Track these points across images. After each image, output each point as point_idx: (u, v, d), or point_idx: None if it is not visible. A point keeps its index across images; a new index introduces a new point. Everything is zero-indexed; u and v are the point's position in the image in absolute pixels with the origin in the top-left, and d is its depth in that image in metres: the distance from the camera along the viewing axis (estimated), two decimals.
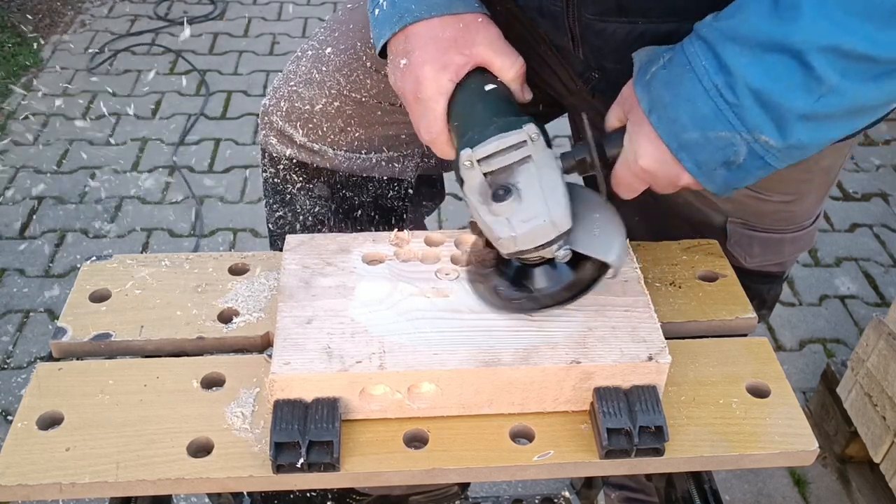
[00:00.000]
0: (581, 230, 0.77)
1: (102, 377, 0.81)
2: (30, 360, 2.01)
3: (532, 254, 0.75)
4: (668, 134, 0.70)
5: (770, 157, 0.69)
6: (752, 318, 0.90)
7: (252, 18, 3.58)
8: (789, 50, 0.63)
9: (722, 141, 0.68)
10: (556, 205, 0.72)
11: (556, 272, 0.79)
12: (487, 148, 0.74)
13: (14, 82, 3.06)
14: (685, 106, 0.68)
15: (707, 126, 0.68)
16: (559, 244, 0.74)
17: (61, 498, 0.72)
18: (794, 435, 0.77)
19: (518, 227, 0.72)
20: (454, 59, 0.80)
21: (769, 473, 1.82)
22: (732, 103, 0.66)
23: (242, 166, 2.70)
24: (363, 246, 0.88)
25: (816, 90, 0.63)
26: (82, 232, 2.42)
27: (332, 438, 0.72)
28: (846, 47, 0.61)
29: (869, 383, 1.64)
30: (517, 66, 0.82)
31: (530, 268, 0.79)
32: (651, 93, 0.71)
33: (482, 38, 0.81)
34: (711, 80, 0.66)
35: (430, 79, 0.80)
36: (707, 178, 0.71)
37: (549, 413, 0.78)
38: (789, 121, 0.65)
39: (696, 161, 0.70)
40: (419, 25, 0.82)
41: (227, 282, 0.92)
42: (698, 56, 0.68)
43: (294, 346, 0.76)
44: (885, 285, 2.30)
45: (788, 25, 0.62)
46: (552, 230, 0.72)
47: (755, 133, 0.67)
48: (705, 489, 0.86)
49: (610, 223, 0.79)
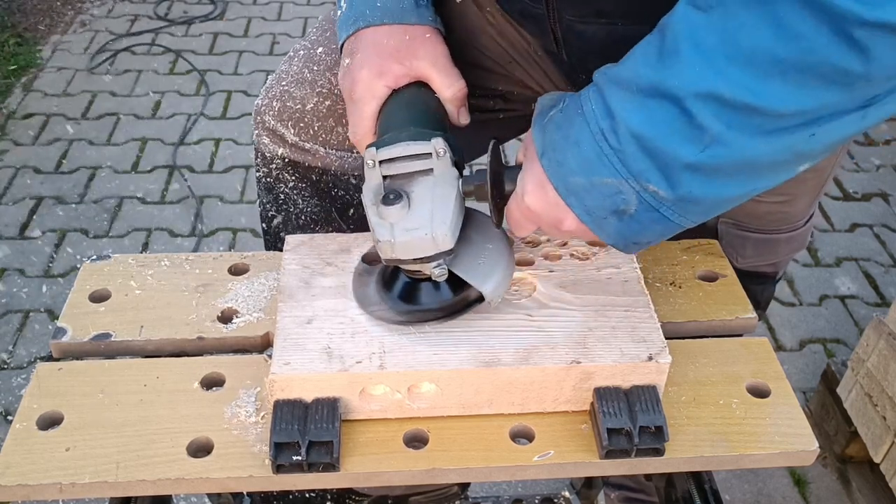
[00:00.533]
0: (467, 255, 0.77)
1: (102, 377, 0.81)
2: (30, 360, 2.01)
3: (409, 265, 0.75)
4: (556, 177, 0.68)
5: (665, 209, 0.66)
6: (752, 318, 0.90)
7: (252, 18, 3.58)
8: (667, 95, 0.61)
9: (608, 187, 0.66)
10: (441, 222, 0.71)
11: (431, 290, 0.79)
12: (392, 151, 0.74)
13: (14, 82, 3.06)
14: (573, 149, 0.66)
15: (592, 171, 0.66)
16: (437, 262, 0.74)
17: (61, 498, 0.72)
18: (794, 435, 0.77)
19: (399, 235, 0.71)
20: (392, 67, 0.82)
21: (769, 473, 1.82)
22: (616, 148, 0.64)
23: (242, 166, 2.69)
24: (363, 246, 0.88)
25: (700, 139, 0.61)
26: (82, 232, 2.42)
27: (332, 438, 0.72)
28: (726, 95, 0.58)
29: (869, 383, 1.64)
30: (455, 87, 0.83)
31: (414, 282, 0.79)
32: (545, 135, 0.70)
33: (425, 52, 0.83)
34: (598, 123, 0.65)
35: (365, 81, 0.82)
36: (598, 226, 0.69)
37: (549, 413, 0.78)
38: (675, 169, 0.63)
39: (585, 207, 0.68)
40: (368, 30, 0.85)
41: (227, 282, 0.92)
42: (589, 100, 0.66)
43: (294, 346, 0.76)
44: (886, 285, 2.30)
45: (667, 70, 0.60)
46: (432, 246, 0.72)
47: (642, 181, 0.64)
48: (705, 489, 0.86)
49: (499, 255, 0.79)
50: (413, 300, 0.79)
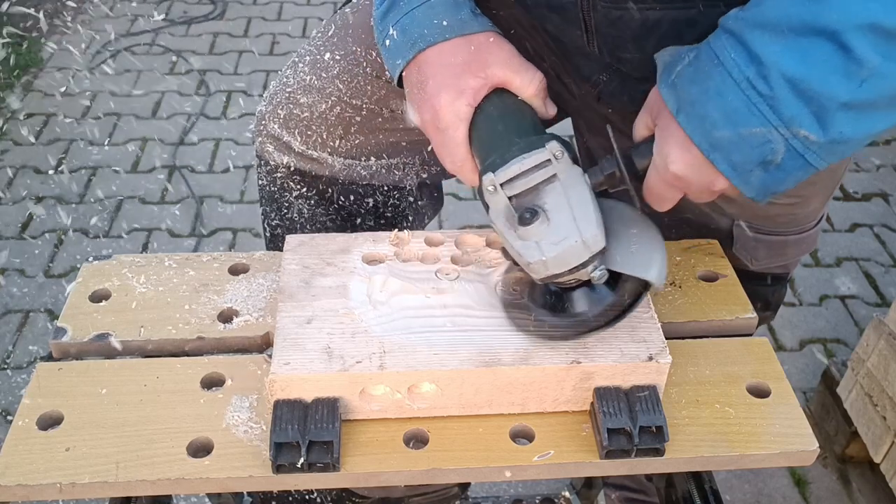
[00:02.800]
0: (617, 247, 0.73)
1: (102, 377, 0.81)
2: (30, 360, 2.01)
3: (566, 277, 0.71)
4: (698, 133, 0.66)
5: (810, 154, 0.64)
6: (752, 318, 0.90)
7: (252, 18, 3.58)
8: (824, 31, 0.58)
9: (757, 138, 0.63)
10: (587, 223, 0.69)
11: (594, 294, 0.75)
12: (510, 170, 0.71)
13: (14, 82, 3.06)
14: (715, 101, 0.64)
15: (740, 122, 0.63)
16: (594, 265, 0.70)
17: (61, 498, 0.72)
18: (795, 435, 0.77)
19: (548, 251, 0.68)
20: (469, 83, 0.78)
21: (769, 473, 1.82)
22: (766, 95, 0.62)
23: (242, 166, 2.69)
24: (363, 246, 0.88)
25: (857, 74, 0.59)
26: (82, 232, 2.42)
27: (332, 438, 0.72)
28: (886, 24, 0.57)
29: (869, 383, 1.64)
30: (536, 80, 0.80)
31: (567, 292, 0.76)
32: (678, 91, 0.67)
33: (496, 57, 0.79)
34: (742, 71, 0.62)
35: (447, 107, 0.78)
36: (743, 180, 0.67)
37: (549, 413, 0.78)
38: (830, 110, 0.61)
39: (731, 162, 0.66)
40: (430, 52, 0.80)
41: (227, 282, 0.92)
42: (726, 49, 0.64)
43: (294, 346, 0.76)
44: (886, 285, 2.30)
45: (821, 4, 0.58)
46: (585, 251, 0.69)
47: (793, 127, 0.62)
48: (705, 489, 0.86)
49: (648, 238, 0.75)
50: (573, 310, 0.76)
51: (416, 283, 0.83)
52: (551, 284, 0.76)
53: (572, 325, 0.76)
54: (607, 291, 0.75)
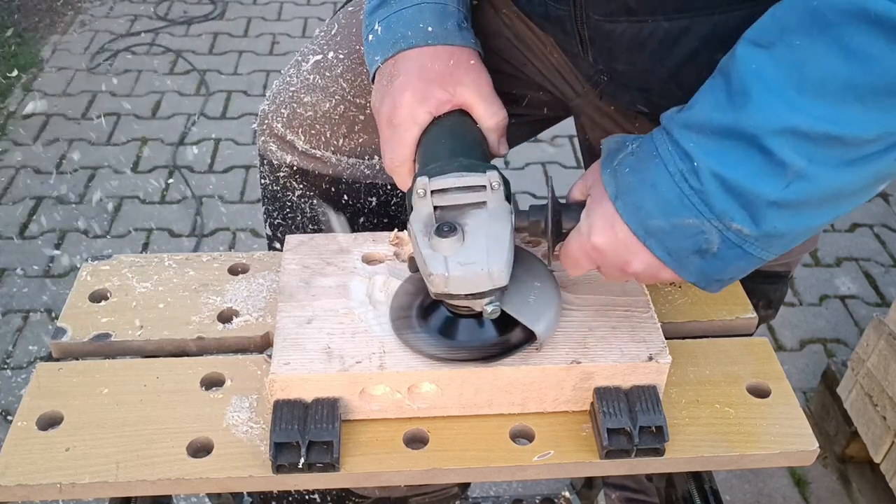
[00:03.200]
0: (516, 293, 0.75)
1: (102, 377, 0.81)
2: (30, 360, 2.01)
3: (461, 300, 0.72)
4: (633, 221, 0.67)
5: (749, 245, 0.65)
6: (752, 318, 0.90)
7: (252, 18, 3.58)
8: (743, 136, 0.60)
9: (690, 228, 0.65)
10: (497, 258, 0.69)
11: (479, 328, 0.77)
12: (445, 181, 0.71)
13: (14, 82, 3.06)
14: (650, 192, 0.65)
15: (672, 213, 0.65)
16: (491, 299, 0.71)
17: (61, 498, 0.72)
18: (795, 435, 0.77)
19: (453, 269, 0.69)
20: (436, 93, 0.79)
21: (769, 473, 1.82)
22: (697, 189, 0.63)
23: (242, 166, 2.69)
24: (363, 246, 0.88)
25: (783, 176, 0.60)
26: (82, 232, 2.42)
27: (332, 438, 0.72)
28: (804, 128, 0.58)
29: (869, 383, 1.64)
30: (499, 116, 0.81)
31: (458, 317, 0.77)
32: (618, 178, 0.68)
33: (469, 79, 0.80)
34: (676, 165, 0.64)
35: (407, 106, 0.79)
36: (680, 266, 0.68)
37: (549, 413, 0.78)
38: (760, 207, 0.62)
39: (667, 249, 0.67)
40: (412, 52, 0.81)
41: (227, 282, 0.92)
42: (664, 143, 0.65)
43: (294, 346, 0.76)
44: (886, 285, 2.30)
45: (740, 111, 0.60)
46: (487, 282, 0.69)
47: (725, 220, 0.63)
48: (705, 489, 0.86)
49: (548, 294, 0.77)
50: (454, 336, 0.77)
51: None
52: (444, 307, 0.77)
53: (448, 351, 0.76)
54: (492, 330, 0.77)
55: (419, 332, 0.77)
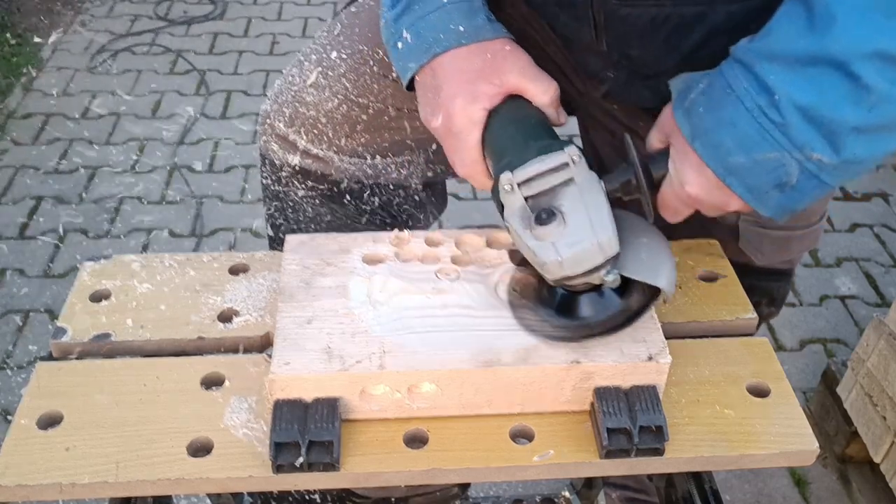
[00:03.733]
0: (629, 255, 0.74)
1: (102, 377, 0.81)
2: (30, 360, 2.01)
3: (579, 279, 0.72)
4: (713, 160, 0.68)
5: (825, 174, 0.66)
6: (752, 319, 0.90)
7: (252, 18, 3.58)
8: (831, 61, 0.60)
9: (771, 163, 0.65)
10: (602, 228, 0.69)
11: (604, 299, 0.76)
12: (528, 171, 0.71)
13: (14, 82, 3.06)
14: (729, 129, 0.66)
15: (753, 148, 0.65)
16: (607, 269, 0.71)
17: (61, 498, 0.72)
18: (795, 435, 0.77)
19: (564, 251, 0.69)
20: (484, 89, 0.78)
21: (769, 473, 1.82)
22: (778, 122, 0.63)
23: (242, 166, 2.69)
24: (363, 246, 0.88)
25: (867, 101, 0.61)
26: (82, 232, 2.42)
27: (332, 438, 0.72)
28: (893, 51, 0.58)
29: (869, 383, 1.64)
30: (551, 89, 0.81)
31: (577, 295, 0.76)
32: (692, 119, 0.69)
33: (511, 65, 0.80)
34: (754, 100, 0.64)
35: (461, 111, 0.78)
36: (760, 202, 0.69)
37: (549, 413, 0.78)
38: (841, 135, 0.63)
39: (747, 185, 0.68)
40: (446, 57, 0.80)
41: (227, 282, 0.92)
42: (738, 78, 0.65)
43: (294, 346, 0.76)
44: (886, 285, 2.30)
45: (826, 36, 0.60)
46: (599, 254, 0.70)
47: (806, 151, 0.64)
48: (705, 489, 0.86)
49: (658, 247, 0.76)
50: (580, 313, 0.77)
51: (416, 283, 0.83)
52: (560, 287, 0.76)
53: (578, 328, 0.76)
54: (615, 297, 0.76)
55: (545, 319, 0.77)
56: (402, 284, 0.83)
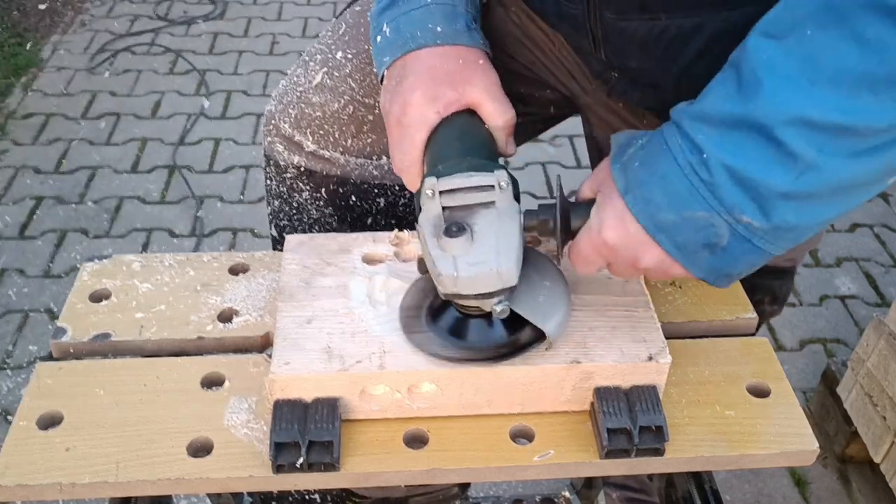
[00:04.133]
0: (526, 293, 0.74)
1: (102, 377, 0.81)
2: (30, 360, 2.01)
3: (470, 300, 0.72)
4: (643, 215, 0.67)
5: (758, 239, 0.65)
6: (752, 318, 0.90)
7: (252, 18, 3.58)
8: (754, 126, 0.60)
9: (700, 221, 0.65)
10: (506, 258, 0.69)
11: (490, 329, 0.77)
12: (453, 182, 0.71)
13: (14, 82, 3.06)
14: (660, 185, 0.65)
15: (682, 205, 0.65)
16: (500, 298, 0.71)
17: (61, 498, 0.72)
18: (795, 435, 0.77)
19: (462, 269, 0.69)
20: (446, 93, 0.79)
21: (769, 473, 1.82)
22: (707, 181, 0.63)
23: (242, 166, 2.69)
24: (363, 246, 0.88)
25: (793, 167, 0.60)
26: (82, 232, 2.42)
27: (332, 438, 0.72)
28: (815, 118, 0.58)
29: (869, 383, 1.64)
30: (507, 116, 0.81)
31: (467, 318, 0.77)
32: (627, 173, 0.69)
33: (478, 79, 0.80)
34: (686, 157, 0.64)
35: (417, 106, 0.79)
36: (689, 261, 0.68)
37: (549, 413, 0.78)
38: (769, 199, 0.62)
39: (676, 243, 0.67)
40: (422, 52, 0.81)
41: (226, 282, 0.92)
42: (673, 136, 0.65)
43: (294, 346, 0.76)
44: (886, 285, 2.30)
45: (751, 101, 0.60)
46: (497, 281, 0.69)
47: (735, 213, 0.63)
48: (705, 489, 0.86)
49: (557, 293, 0.77)
50: (464, 336, 0.77)
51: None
52: (453, 308, 0.77)
53: (458, 351, 0.76)
54: (502, 330, 0.76)
55: (428, 332, 0.77)
56: (402, 284, 0.83)
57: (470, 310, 0.76)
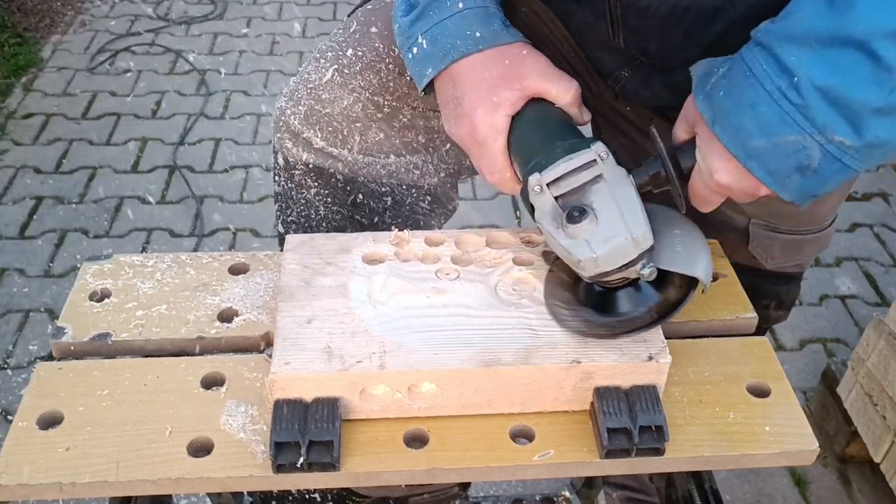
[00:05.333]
0: (663, 247, 0.74)
1: (102, 377, 0.81)
2: (30, 360, 2.01)
3: (615, 275, 0.72)
4: (734, 144, 0.67)
5: (848, 158, 0.65)
6: (752, 318, 0.90)
7: (252, 18, 3.58)
8: (852, 42, 0.60)
9: (791, 145, 0.65)
10: (635, 221, 0.70)
11: (641, 293, 0.76)
12: (556, 170, 0.72)
13: (14, 82, 3.06)
14: (748, 112, 0.65)
15: (773, 131, 0.65)
16: (643, 262, 0.71)
17: (61, 498, 0.72)
18: (795, 435, 0.77)
19: (598, 248, 0.69)
20: (505, 95, 0.79)
21: (769, 473, 1.82)
22: (798, 104, 0.63)
23: (242, 166, 2.70)
24: (363, 246, 0.88)
25: (888, 81, 0.60)
26: (82, 232, 2.42)
27: (332, 438, 0.72)
28: None
29: (869, 383, 1.64)
30: (573, 88, 0.81)
31: (614, 291, 0.77)
32: (713, 103, 0.69)
33: (531, 69, 0.80)
34: (774, 82, 0.64)
35: (484, 120, 0.79)
36: (781, 186, 0.68)
37: (549, 413, 0.78)
38: (863, 117, 0.62)
39: (768, 169, 0.67)
40: (464, 64, 0.80)
41: (226, 282, 0.92)
42: (758, 61, 0.65)
43: (294, 346, 0.76)
44: (886, 285, 2.30)
45: (846, 17, 0.59)
46: (634, 248, 0.70)
47: (827, 133, 0.63)
48: (706, 489, 0.86)
49: (692, 238, 0.77)
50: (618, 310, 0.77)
51: (416, 282, 0.83)
52: (596, 284, 0.77)
53: (619, 324, 0.76)
54: (652, 291, 0.76)
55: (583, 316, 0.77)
56: (402, 284, 0.83)
57: (615, 282, 0.76)
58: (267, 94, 3.07)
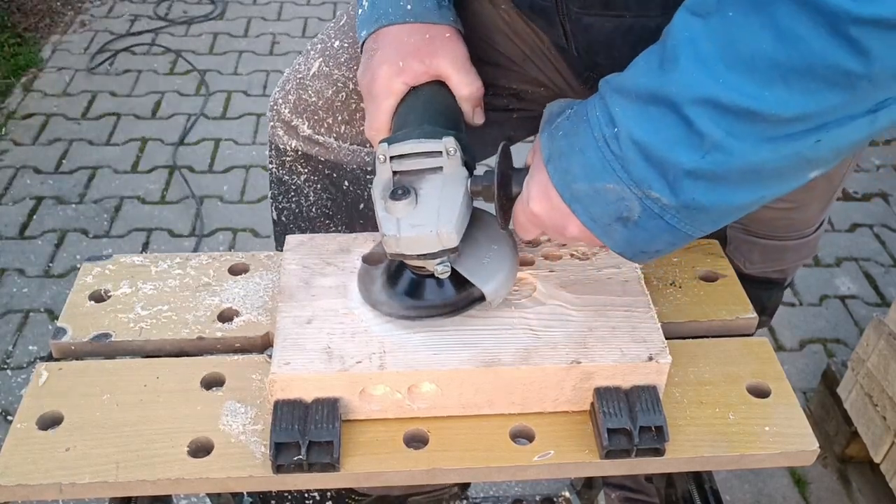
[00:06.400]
0: (472, 254, 0.77)
1: (102, 377, 0.81)
2: (30, 360, 2.01)
3: (413, 261, 0.75)
4: (560, 183, 0.68)
5: (669, 217, 0.65)
6: (752, 319, 0.90)
7: (252, 18, 3.58)
8: (666, 102, 0.60)
9: (611, 194, 0.66)
10: (447, 220, 0.72)
11: (438, 287, 0.79)
12: (403, 147, 0.75)
13: (14, 82, 3.06)
14: (577, 156, 0.67)
15: (595, 177, 0.66)
16: (441, 259, 0.74)
17: (61, 498, 0.72)
18: (795, 435, 0.77)
19: (404, 230, 0.72)
20: (412, 64, 0.82)
21: (769, 473, 1.82)
22: (618, 155, 0.64)
23: (242, 166, 2.69)
24: (363, 246, 0.88)
25: (699, 146, 0.60)
26: (82, 232, 2.42)
27: (332, 438, 0.72)
28: (724, 101, 0.58)
29: (869, 383, 1.64)
30: (474, 87, 0.84)
31: (420, 278, 0.80)
32: (552, 142, 0.70)
33: (445, 51, 0.84)
34: (601, 130, 0.65)
35: (384, 77, 0.83)
36: (604, 233, 0.69)
37: (549, 413, 0.78)
38: (677, 177, 0.62)
39: (590, 214, 0.68)
40: (391, 28, 0.85)
41: (227, 282, 0.92)
42: (595, 108, 0.66)
43: (294, 346, 0.76)
44: (886, 285, 2.30)
45: (668, 76, 0.60)
46: (436, 243, 0.72)
47: (643, 188, 0.64)
48: (705, 489, 0.86)
49: (503, 257, 0.79)
50: (417, 296, 0.80)
51: None
52: (410, 271, 0.80)
53: (411, 308, 0.79)
54: (450, 289, 0.79)
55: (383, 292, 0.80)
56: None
57: (420, 270, 0.79)
58: (267, 94, 3.07)
